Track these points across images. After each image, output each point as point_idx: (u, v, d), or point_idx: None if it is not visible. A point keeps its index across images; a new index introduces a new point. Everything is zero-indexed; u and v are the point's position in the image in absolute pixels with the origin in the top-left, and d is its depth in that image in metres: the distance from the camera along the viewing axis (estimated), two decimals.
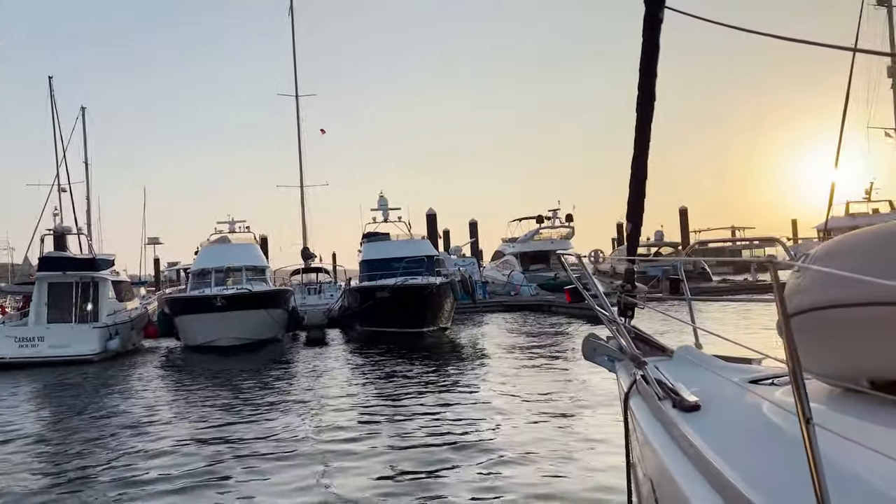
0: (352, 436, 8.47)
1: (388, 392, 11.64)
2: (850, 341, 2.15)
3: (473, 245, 39.79)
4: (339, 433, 8.67)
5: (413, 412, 9.79)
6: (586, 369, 12.71)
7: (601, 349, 4.23)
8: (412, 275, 21.48)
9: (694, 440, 2.25)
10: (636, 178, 4.34)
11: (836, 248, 2.24)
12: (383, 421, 9.33)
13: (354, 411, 10.13)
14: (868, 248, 2.10)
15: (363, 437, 8.41)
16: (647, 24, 3.94)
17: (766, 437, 2.26)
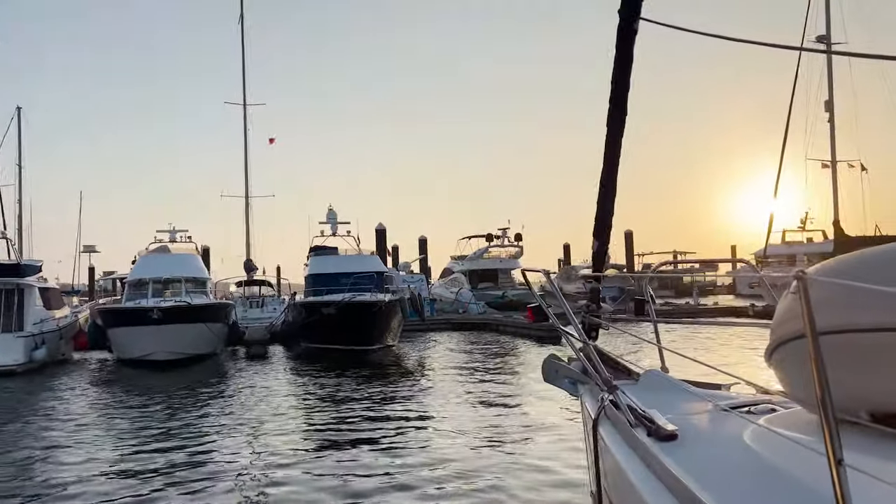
0: (291, 461, 8.02)
1: (332, 413, 11.18)
2: (850, 370, 1.97)
3: (422, 262, 39.56)
4: (277, 458, 8.20)
5: (356, 433, 9.39)
6: (537, 390, 12.52)
7: (563, 371, 4.00)
8: (360, 291, 21.02)
9: (675, 471, 2.10)
10: (604, 195, 4.14)
11: (838, 267, 2.04)
12: (325, 444, 8.89)
13: (295, 434, 9.64)
14: (873, 269, 1.91)
15: (304, 461, 7.98)
16: (620, 35, 3.77)
17: (751, 468, 2.13)
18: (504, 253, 36.91)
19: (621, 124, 3.96)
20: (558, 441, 8.44)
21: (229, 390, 14.27)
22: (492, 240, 36.63)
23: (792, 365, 2.20)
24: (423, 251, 40.43)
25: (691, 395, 3.19)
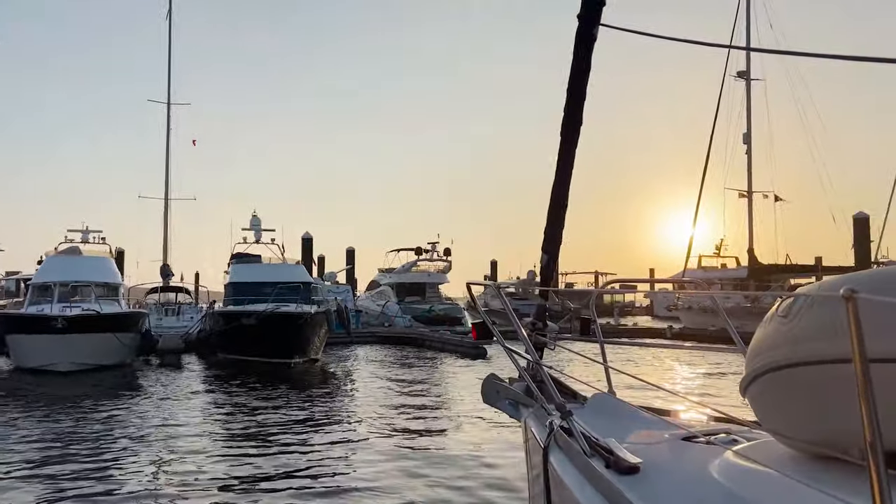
0: (193, 482, 7.46)
1: (247, 430, 10.57)
2: (845, 404, 1.81)
3: (349, 273, 38.87)
4: (185, 477, 7.62)
5: (272, 453, 8.85)
6: (465, 410, 12.29)
7: (505, 393, 3.76)
8: (285, 301, 20.32)
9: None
10: (555, 207, 3.93)
11: (839, 286, 1.87)
12: (231, 463, 8.34)
13: (201, 454, 9.01)
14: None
15: (214, 483, 7.43)
16: (579, 42, 3.58)
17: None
18: (432, 267, 36.67)
19: (576, 134, 3.77)
20: (488, 465, 8.20)
21: (137, 402, 13.38)
22: (421, 253, 36.34)
23: (775, 397, 2.02)
24: (351, 262, 39.76)
25: (644, 421, 3.04)
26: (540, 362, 2.95)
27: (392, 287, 35.26)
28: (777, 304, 2.04)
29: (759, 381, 2.06)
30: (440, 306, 33.15)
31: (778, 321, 1.97)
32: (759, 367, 2.03)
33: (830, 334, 1.77)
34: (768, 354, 1.99)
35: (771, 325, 2.03)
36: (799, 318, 1.88)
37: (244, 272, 24.33)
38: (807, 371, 1.85)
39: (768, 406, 2.10)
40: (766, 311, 2.15)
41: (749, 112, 34.34)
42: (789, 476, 1.95)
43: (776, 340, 1.96)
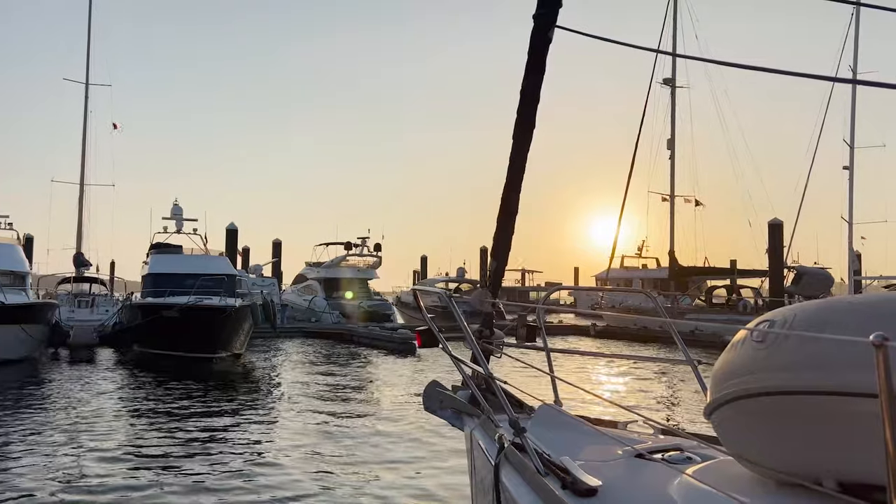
0: (97, 484, 7.03)
1: (162, 428, 10.05)
2: (819, 434, 1.77)
3: (275, 266, 37.94)
4: (87, 482, 7.17)
5: (187, 456, 8.40)
6: (392, 408, 12.15)
7: (449, 402, 3.64)
8: (207, 294, 19.59)
9: None
10: (505, 212, 3.84)
11: (817, 316, 1.83)
12: (140, 465, 7.93)
13: (110, 452, 8.51)
14: (864, 320, 1.70)
15: (113, 486, 7.01)
16: (534, 43, 3.49)
17: None
18: (362, 262, 36.25)
19: (529, 136, 3.68)
20: (421, 470, 8.09)
21: (44, 399, 12.58)
22: (350, 248, 35.78)
23: (746, 423, 1.98)
24: (277, 255, 38.78)
25: (594, 435, 2.99)
26: (492, 375, 2.85)
27: (320, 282, 34.65)
28: (750, 328, 2.00)
29: (730, 406, 2.01)
30: (369, 302, 32.80)
31: (753, 347, 1.93)
32: (731, 393, 1.98)
33: (810, 364, 1.73)
34: (742, 380, 1.94)
35: (744, 349, 1.98)
36: (777, 346, 1.84)
37: (164, 263, 23.34)
38: (784, 400, 1.81)
39: (737, 431, 2.05)
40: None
41: (673, 118, 35.49)
42: (752, 499, 1.91)
43: (751, 366, 1.91)
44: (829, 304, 1.97)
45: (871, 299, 1.91)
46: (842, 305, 1.90)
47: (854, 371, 1.61)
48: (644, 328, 31.51)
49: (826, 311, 1.87)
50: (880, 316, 1.68)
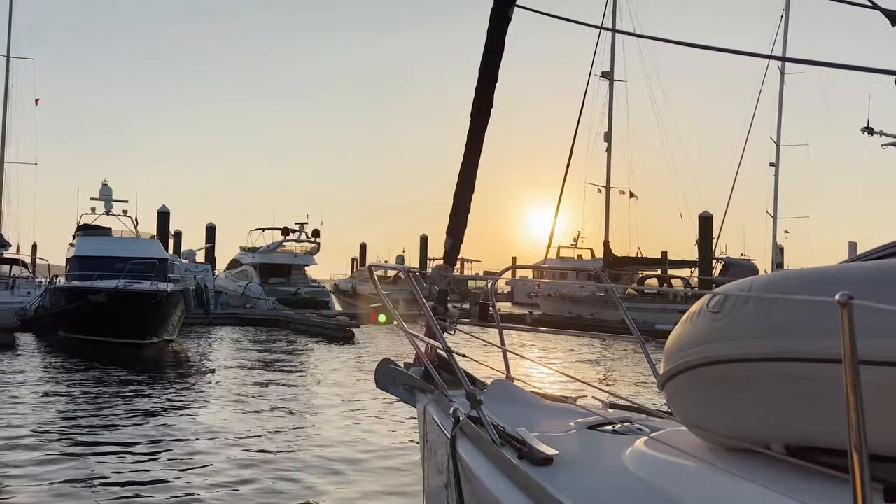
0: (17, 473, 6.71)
1: (87, 417, 9.65)
2: (767, 399, 1.81)
3: (209, 251, 36.92)
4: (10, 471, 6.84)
5: (112, 449, 8.01)
6: (329, 392, 12.04)
7: (403, 378, 3.64)
8: (138, 278, 18.92)
9: (562, 501, 1.96)
10: (462, 190, 3.83)
11: (773, 286, 1.88)
12: (66, 453, 7.61)
13: (31, 438, 8.16)
14: (814, 290, 1.75)
15: (33, 473, 6.71)
16: (493, 22, 3.48)
17: (641, 495, 2.01)
18: (299, 248, 35.67)
19: (486, 115, 3.68)
20: (365, 455, 8.04)
21: None
22: (288, 233, 35.19)
23: (701, 392, 2.03)
24: (211, 240, 37.70)
25: (547, 408, 3.07)
26: (451, 350, 2.85)
27: (255, 267, 33.95)
28: (706, 300, 2.04)
29: (684, 376, 2.05)
30: (306, 289, 32.35)
31: (709, 317, 1.96)
32: (685, 362, 2.03)
33: (767, 332, 1.78)
34: (697, 349, 1.98)
35: (699, 320, 2.02)
36: (733, 315, 1.88)
37: (92, 245, 22.38)
38: (737, 368, 1.86)
39: (690, 400, 2.11)
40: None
41: (611, 112, 36.24)
42: (706, 464, 1.97)
43: (706, 336, 1.95)
44: (783, 274, 2.04)
45: (824, 270, 1.98)
46: (796, 275, 1.96)
47: (807, 337, 1.67)
48: (578, 316, 32.22)
49: (781, 281, 1.92)
50: (834, 283, 1.74)
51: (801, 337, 1.69)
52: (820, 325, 1.60)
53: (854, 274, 1.79)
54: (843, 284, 1.66)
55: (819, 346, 1.61)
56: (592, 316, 31.57)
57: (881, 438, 1.44)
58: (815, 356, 1.64)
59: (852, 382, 1.26)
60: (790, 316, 1.72)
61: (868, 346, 1.33)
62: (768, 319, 1.79)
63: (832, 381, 1.51)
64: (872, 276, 1.72)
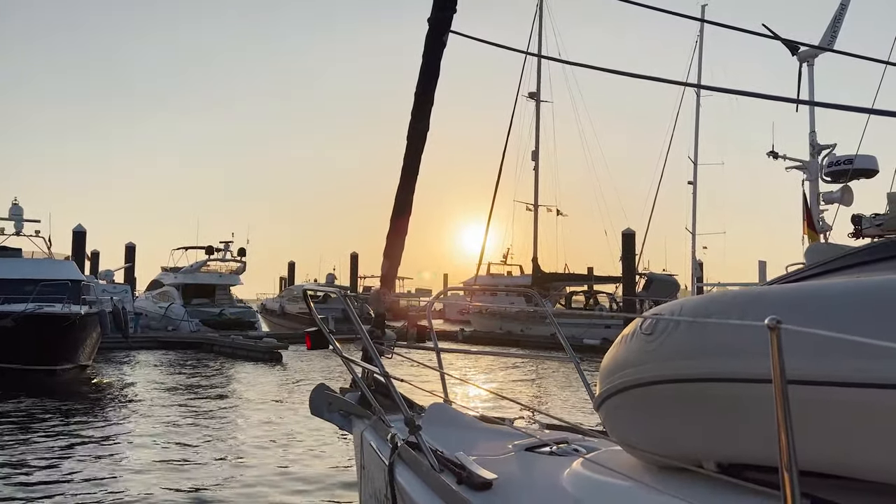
0: None
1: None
2: (700, 418, 1.85)
3: (129, 271, 35.43)
4: None
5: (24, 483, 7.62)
6: (258, 419, 11.67)
7: (339, 404, 3.56)
8: (49, 301, 17.92)
9: None
10: (398, 214, 3.81)
11: (703, 308, 1.93)
12: None
13: None
14: (738, 313, 1.81)
15: None
16: (428, 47, 3.49)
17: None
18: (224, 268, 34.66)
19: (422, 140, 3.68)
20: (299, 483, 7.81)
21: None
22: (212, 252, 34.09)
23: (635, 412, 2.06)
24: (131, 260, 36.20)
25: (485, 431, 3.09)
26: (388, 375, 2.80)
27: (178, 288, 32.74)
28: (638, 322, 2.07)
29: (619, 397, 2.08)
30: (232, 309, 31.43)
31: (642, 339, 2.00)
32: (620, 384, 2.06)
33: (698, 353, 1.82)
34: (631, 371, 2.01)
35: (633, 342, 2.05)
36: (665, 337, 1.91)
37: (1, 268, 21.10)
38: (670, 388, 1.89)
39: (625, 420, 2.14)
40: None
41: (538, 131, 37.10)
42: (642, 484, 2.00)
43: (640, 357, 1.99)
44: (712, 297, 2.10)
45: (750, 292, 2.04)
46: (725, 298, 2.02)
47: (736, 358, 1.72)
48: (508, 332, 32.57)
49: (710, 303, 1.98)
50: (760, 305, 1.79)
51: (730, 358, 1.74)
52: (748, 346, 1.66)
53: (778, 296, 1.86)
54: (768, 306, 1.72)
55: (748, 366, 1.67)
56: (522, 332, 31.98)
57: (808, 455, 1.50)
58: (744, 376, 1.70)
59: (782, 403, 1.30)
60: (720, 338, 1.77)
61: (794, 366, 1.38)
62: (699, 341, 1.84)
63: (761, 399, 1.56)
64: (796, 298, 1.79)
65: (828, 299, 1.67)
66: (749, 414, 1.70)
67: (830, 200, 12.90)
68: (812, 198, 13.32)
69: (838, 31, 13.62)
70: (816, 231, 12.93)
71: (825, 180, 13.13)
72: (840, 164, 12.62)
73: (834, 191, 12.86)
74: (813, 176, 13.46)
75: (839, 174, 12.62)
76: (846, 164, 12.45)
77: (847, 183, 12.53)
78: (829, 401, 1.53)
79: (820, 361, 1.52)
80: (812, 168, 13.53)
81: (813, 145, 13.69)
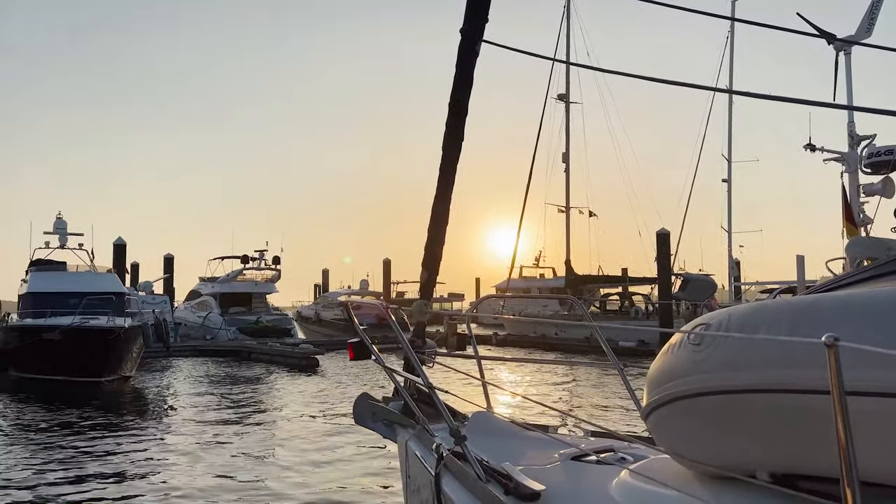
0: None
1: (43, 462, 9.28)
2: (751, 429, 1.84)
3: (168, 282, 36.13)
4: None
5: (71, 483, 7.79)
6: (297, 425, 11.82)
7: (382, 414, 3.60)
8: (94, 314, 18.39)
9: None
10: (436, 224, 3.85)
11: (751, 319, 1.92)
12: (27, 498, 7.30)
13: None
14: (787, 323, 1.80)
15: None
16: (461, 57, 3.54)
17: None
18: (260, 276, 35.17)
19: (457, 149, 3.72)
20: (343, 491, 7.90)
21: None
22: (247, 262, 34.61)
23: (684, 423, 2.06)
24: (169, 270, 36.91)
25: (529, 440, 3.07)
26: (432, 385, 2.84)
27: (215, 297, 33.29)
28: (686, 331, 2.07)
29: (667, 408, 2.08)
30: (268, 317, 31.84)
31: (690, 350, 2.00)
32: (668, 395, 2.06)
33: (748, 364, 1.81)
34: (679, 382, 2.01)
35: (681, 352, 2.05)
36: (714, 348, 1.91)
37: (45, 281, 21.71)
38: (721, 399, 1.89)
39: (674, 431, 2.13)
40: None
41: (568, 133, 36.87)
42: (693, 494, 1.99)
43: (688, 368, 1.99)
44: (761, 306, 2.08)
45: (802, 300, 2.02)
46: (773, 307, 2.01)
47: (789, 369, 1.71)
48: (542, 335, 32.39)
49: (759, 313, 1.96)
50: (813, 314, 1.78)
51: (782, 368, 1.72)
52: (801, 357, 1.64)
53: (830, 305, 1.84)
54: (822, 315, 1.72)
55: (801, 377, 1.65)
56: (556, 335, 31.78)
57: (863, 466, 1.49)
58: (798, 387, 1.68)
59: (842, 418, 1.30)
60: (770, 348, 1.75)
61: (849, 376, 1.37)
62: (749, 352, 1.83)
63: (816, 410, 1.55)
64: (849, 307, 1.76)
65: (883, 307, 1.65)
66: (804, 425, 1.69)
67: (871, 192, 12.61)
68: (852, 190, 13.04)
69: (875, 21, 13.34)
70: (856, 225, 12.64)
71: (865, 172, 12.85)
72: (880, 154, 12.34)
73: (874, 182, 12.58)
74: (852, 168, 13.18)
75: (880, 165, 12.34)
76: (887, 154, 12.17)
77: (889, 174, 12.24)
78: (887, 412, 1.51)
79: (877, 372, 1.50)
80: (851, 160, 13.24)
81: (852, 136, 13.40)
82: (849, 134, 13.46)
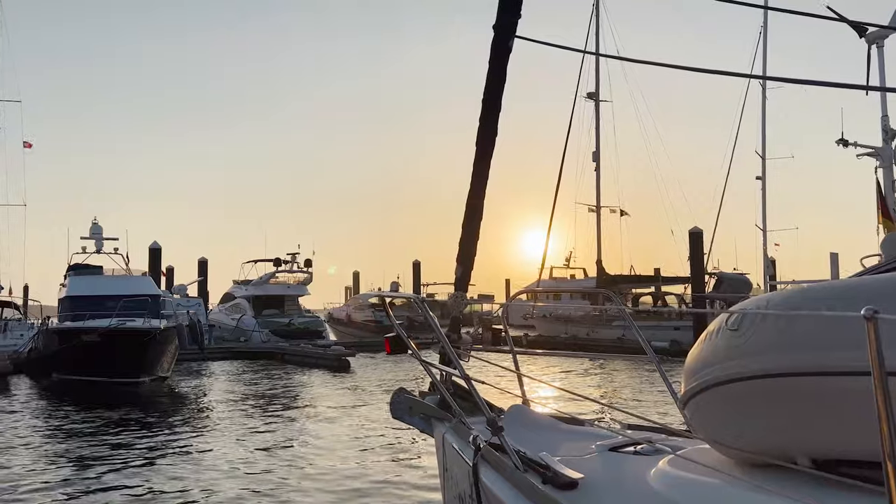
0: None
1: (86, 459, 9.51)
2: (791, 413, 1.81)
3: (202, 285, 36.71)
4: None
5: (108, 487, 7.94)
6: (331, 424, 11.92)
7: (419, 408, 3.63)
8: (130, 316, 18.78)
9: None
10: (470, 219, 3.86)
11: (790, 302, 1.89)
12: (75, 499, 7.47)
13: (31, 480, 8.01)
14: (832, 306, 1.76)
15: None
16: (494, 53, 3.54)
17: None
18: (292, 279, 35.51)
19: (491, 145, 3.73)
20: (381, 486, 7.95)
21: None
22: (280, 265, 35.01)
23: (719, 411, 2.04)
24: (203, 274, 37.49)
25: (566, 432, 3.08)
26: (470, 378, 2.85)
27: (248, 300, 33.73)
28: (723, 318, 2.05)
29: (706, 394, 2.06)
30: (300, 319, 32.16)
31: (728, 335, 1.98)
32: (706, 381, 2.04)
33: (787, 347, 1.79)
34: (718, 367, 1.99)
35: (718, 339, 2.03)
36: (753, 332, 1.89)
37: (83, 285, 22.24)
38: (760, 384, 1.87)
39: (713, 418, 2.11)
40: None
41: (598, 132, 36.58)
42: (734, 480, 1.96)
43: (726, 354, 1.97)
44: (799, 291, 2.05)
45: (840, 283, 1.99)
46: (812, 292, 1.98)
47: (828, 351, 1.68)
48: (574, 336, 32.17)
49: (797, 297, 1.94)
50: (852, 297, 1.75)
51: (822, 351, 1.70)
52: (840, 338, 1.62)
53: (869, 287, 1.81)
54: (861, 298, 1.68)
55: (841, 359, 1.63)
56: (588, 335, 31.53)
57: None
58: (837, 369, 1.66)
59: (882, 395, 1.28)
60: (809, 331, 1.73)
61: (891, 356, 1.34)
62: (787, 335, 1.81)
63: (857, 392, 1.52)
64: (888, 288, 1.74)
65: None
66: (844, 408, 1.66)
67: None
68: (887, 185, 12.73)
69: None
70: (892, 220, 12.34)
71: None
72: None
73: None
74: (887, 162, 12.88)
75: None
76: None
77: None
78: None
79: None
80: (885, 154, 12.94)
81: (885, 130, 13.08)
82: (882, 128, 13.15)
